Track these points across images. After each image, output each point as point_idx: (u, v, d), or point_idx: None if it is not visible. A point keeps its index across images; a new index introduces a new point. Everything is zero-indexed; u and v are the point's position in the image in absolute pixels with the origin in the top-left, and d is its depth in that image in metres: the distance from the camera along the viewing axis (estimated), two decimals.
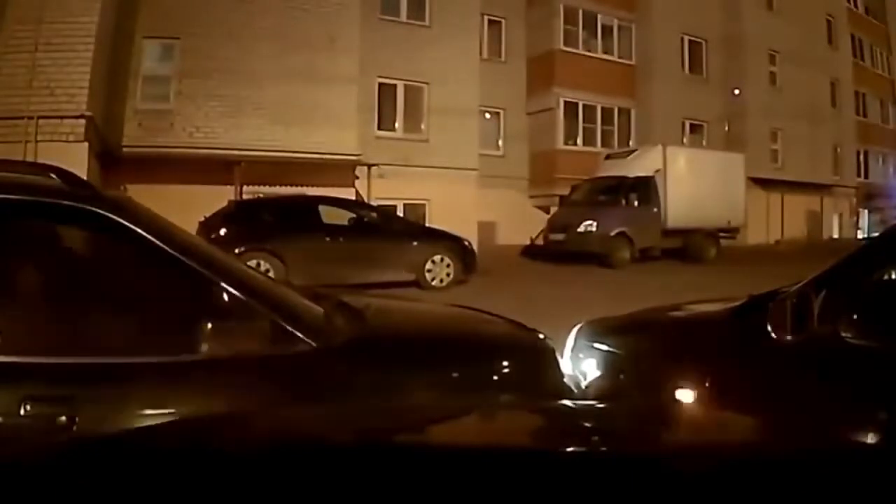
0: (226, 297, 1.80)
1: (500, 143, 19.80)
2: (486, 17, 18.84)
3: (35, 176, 1.98)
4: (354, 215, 10.78)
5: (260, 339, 1.81)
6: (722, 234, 16.68)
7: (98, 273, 2.05)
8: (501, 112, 19.70)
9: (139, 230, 1.78)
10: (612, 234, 14.19)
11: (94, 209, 1.77)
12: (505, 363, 2.21)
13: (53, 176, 1.97)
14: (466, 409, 1.48)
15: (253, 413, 1.59)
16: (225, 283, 1.82)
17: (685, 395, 2.27)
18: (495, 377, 2.14)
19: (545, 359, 2.33)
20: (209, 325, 1.72)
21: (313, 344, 1.84)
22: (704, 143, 21.80)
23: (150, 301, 1.91)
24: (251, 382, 1.75)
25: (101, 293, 1.91)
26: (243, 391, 1.74)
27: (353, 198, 13.30)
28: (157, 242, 1.78)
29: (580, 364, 2.98)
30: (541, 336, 2.52)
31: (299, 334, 1.84)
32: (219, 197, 10.96)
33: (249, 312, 1.81)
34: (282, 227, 9.96)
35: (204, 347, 1.71)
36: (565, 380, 2.36)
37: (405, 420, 1.35)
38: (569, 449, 1.10)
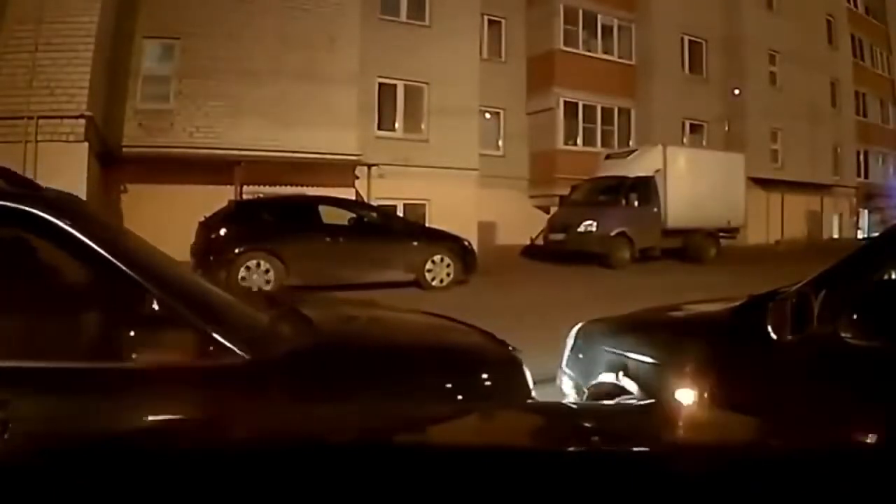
0: (157, 305, 1.73)
1: (500, 143, 19.80)
2: (486, 17, 18.84)
3: None
4: (354, 215, 10.78)
5: (187, 350, 1.74)
6: (722, 234, 16.69)
7: (29, 275, 1.98)
8: (501, 112, 19.70)
9: (73, 231, 1.72)
10: (612, 234, 14.20)
11: (27, 209, 1.71)
12: (467, 377, 2.12)
13: None
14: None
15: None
16: (157, 289, 1.75)
17: (685, 395, 2.27)
18: (458, 393, 2.05)
19: (511, 373, 2.23)
20: (134, 333, 1.67)
21: (245, 356, 1.77)
22: (704, 143, 21.80)
23: (79, 305, 1.87)
24: (172, 394, 1.69)
25: (31, 295, 1.85)
26: (163, 402, 1.68)
27: (353, 198, 13.30)
28: (91, 244, 1.72)
29: (580, 364, 2.98)
30: (510, 349, 2.43)
31: (230, 345, 1.76)
32: (219, 197, 10.96)
33: (181, 322, 1.75)
34: (282, 227, 9.97)
35: (127, 355, 1.65)
36: (532, 396, 2.24)
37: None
38: (569, 449, 1.10)
